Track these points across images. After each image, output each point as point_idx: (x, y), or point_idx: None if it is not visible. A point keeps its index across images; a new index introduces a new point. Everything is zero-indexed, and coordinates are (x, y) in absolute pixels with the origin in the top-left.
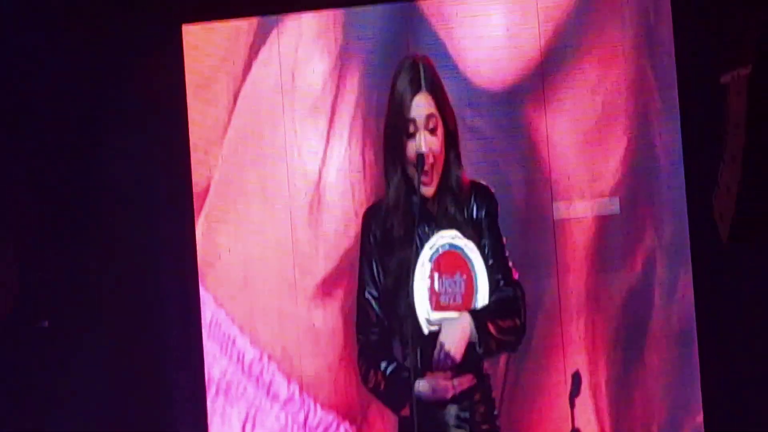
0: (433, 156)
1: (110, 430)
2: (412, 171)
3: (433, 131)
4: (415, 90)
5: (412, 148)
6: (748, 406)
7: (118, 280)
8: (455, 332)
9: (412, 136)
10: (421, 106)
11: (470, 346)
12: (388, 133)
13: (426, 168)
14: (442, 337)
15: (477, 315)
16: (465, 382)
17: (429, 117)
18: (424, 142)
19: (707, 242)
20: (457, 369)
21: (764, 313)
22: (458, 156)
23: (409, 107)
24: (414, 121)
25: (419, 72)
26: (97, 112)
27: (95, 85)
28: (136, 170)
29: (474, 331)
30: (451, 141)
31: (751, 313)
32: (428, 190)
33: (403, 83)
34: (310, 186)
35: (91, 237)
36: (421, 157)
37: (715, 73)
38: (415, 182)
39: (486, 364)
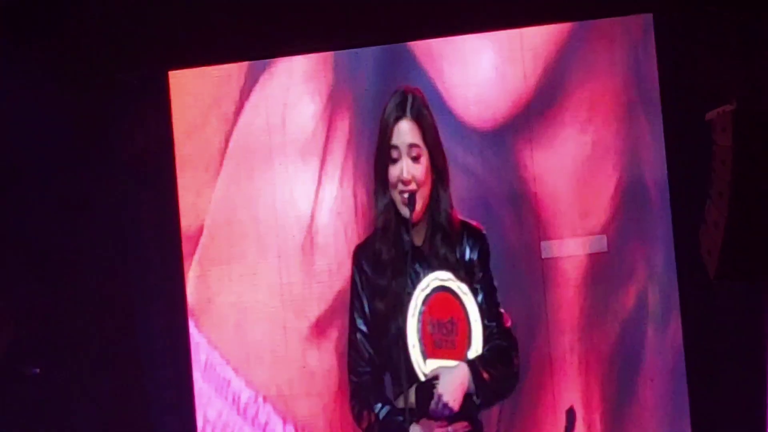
0: (416, 183)
1: None
2: (396, 196)
3: (415, 159)
4: (399, 116)
5: (394, 173)
6: None
7: (108, 325)
8: (454, 383)
9: (395, 161)
10: (404, 132)
11: (467, 397)
12: (376, 158)
13: (410, 187)
14: (440, 389)
15: (474, 366)
16: (460, 428)
17: (411, 146)
18: (406, 169)
19: (695, 278)
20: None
21: (752, 346)
22: (447, 192)
23: (392, 133)
24: (397, 147)
25: (406, 100)
26: (85, 159)
27: (83, 132)
28: (125, 215)
29: (472, 382)
30: (439, 177)
31: (738, 347)
32: (415, 210)
33: (389, 110)
34: (302, 227)
35: (83, 282)
36: (412, 196)
37: (701, 110)
38: (406, 213)
39: None
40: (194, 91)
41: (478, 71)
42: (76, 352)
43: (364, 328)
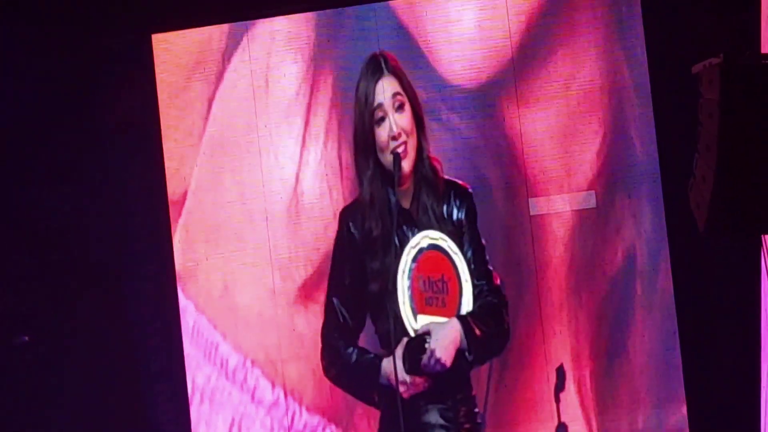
0: (405, 134)
1: None
2: (384, 158)
3: (400, 108)
4: (378, 76)
5: (382, 134)
6: (731, 394)
7: (96, 292)
8: (446, 338)
9: (380, 121)
10: (387, 87)
11: (459, 353)
12: (357, 127)
13: (401, 140)
14: (433, 344)
15: (466, 322)
16: (420, 383)
17: (395, 95)
18: (394, 122)
19: (685, 233)
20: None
21: (743, 301)
22: (427, 141)
23: (373, 94)
24: (381, 105)
25: (379, 62)
26: (69, 125)
27: (67, 98)
28: (111, 181)
29: (464, 338)
30: (419, 125)
31: (729, 301)
32: (406, 165)
33: (365, 76)
34: (287, 190)
35: (69, 249)
36: (397, 156)
37: (687, 64)
38: (394, 177)
39: None
40: (177, 55)
41: (462, 29)
42: (64, 320)
43: (341, 296)
